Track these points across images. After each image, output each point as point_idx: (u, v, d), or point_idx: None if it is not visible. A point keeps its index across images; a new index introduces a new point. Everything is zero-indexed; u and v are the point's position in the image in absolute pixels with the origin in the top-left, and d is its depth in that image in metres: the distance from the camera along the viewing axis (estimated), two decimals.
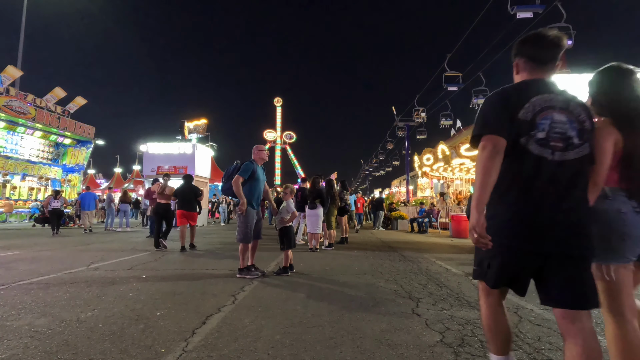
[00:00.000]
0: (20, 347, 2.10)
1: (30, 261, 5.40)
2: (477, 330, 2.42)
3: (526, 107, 1.36)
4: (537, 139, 1.34)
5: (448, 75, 14.52)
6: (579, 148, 1.35)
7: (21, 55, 19.54)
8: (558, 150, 1.34)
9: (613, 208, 1.48)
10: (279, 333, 2.36)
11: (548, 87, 1.43)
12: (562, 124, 1.36)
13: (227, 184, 4.32)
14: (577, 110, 1.39)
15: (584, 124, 1.38)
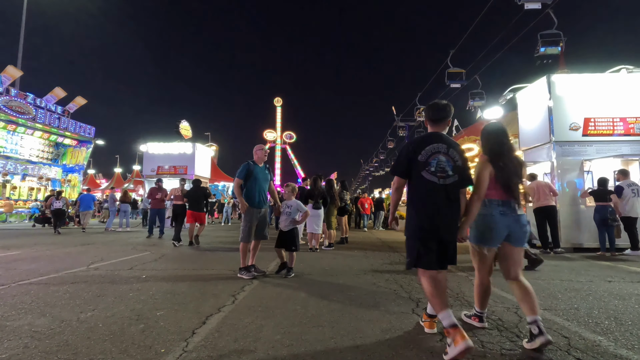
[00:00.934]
0: (20, 347, 2.10)
1: (30, 261, 5.40)
2: (477, 330, 2.42)
3: (423, 153, 2.28)
4: (430, 171, 2.25)
5: (451, 71, 14.14)
6: (452, 177, 2.26)
7: (21, 55, 19.55)
8: (442, 178, 2.24)
9: (488, 212, 2.37)
10: (279, 333, 2.36)
11: (439, 138, 2.35)
12: (444, 163, 2.26)
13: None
14: (453, 154, 2.30)
15: (457, 163, 2.30)
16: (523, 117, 8.97)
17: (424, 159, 2.28)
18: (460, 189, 2.32)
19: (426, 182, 2.25)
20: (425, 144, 2.31)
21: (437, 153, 2.28)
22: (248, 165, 4.40)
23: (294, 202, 4.52)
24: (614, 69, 8.14)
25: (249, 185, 4.37)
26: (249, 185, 4.37)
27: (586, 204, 7.32)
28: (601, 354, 2.04)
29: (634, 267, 5.27)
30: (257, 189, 4.40)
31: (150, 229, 10.20)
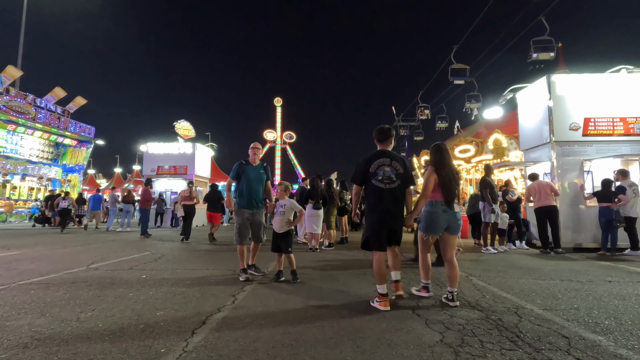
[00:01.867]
0: (20, 347, 2.10)
1: (30, 261, 5.40)
2: (477, 330, 2.42)
3: (372, 166, 3.14)
4: (378, 179, 3.10)
5: (455, 67, 13.64)
6: (396, 182, 3.11)
7: (21, 55, 19.56)
8: (387, 184, 3.09)
9: (434, 210, 3.20)
10: (279, 333, 2.36)
11: (384, 154, 3.21)
12: (389, 172, 3.11)
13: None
14: (396, 165, 3.14)
15: (399, 171, 3.13)
16: (523, 117, 8.97)
17: (373, 170, 3.16)
18: (405, 190, 3.21)
19: (376, 187, 3.14)
20: (374, 159, 3.19)
21: (383, 165, 3.15)
22: (239, 165, 4.29)
23: (288, 201, 4.22)
24: (614, 69, 8.15)
25: (240, 186, 4.27)
26: (240, 186, 4.27)
27: (586, 204, 7.32)
28: (601, 354, 2.04)
29: (634, 267, 5.27)
30: (248, 189, 4.23)
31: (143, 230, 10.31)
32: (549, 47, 9.77)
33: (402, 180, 3.14)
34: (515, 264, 5.55)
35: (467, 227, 10.75)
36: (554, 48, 9.79)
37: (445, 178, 3.18)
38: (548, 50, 9.77)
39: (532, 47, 9.92)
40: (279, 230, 4.10)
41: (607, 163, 7.47)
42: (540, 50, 9.81)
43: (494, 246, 7.01)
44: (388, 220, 3.09)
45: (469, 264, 5.52)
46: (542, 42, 9.81)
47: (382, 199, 3.09)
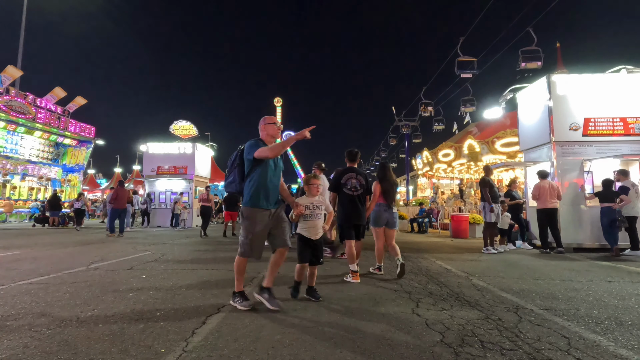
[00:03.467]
0: (20, 347, 2.10)
1: (30, 261, 5.40)
2: (477, 330, 2.42)
3: (344, 178, 4.43)
4: (347, 188, 4.40)
5: (461, 60, 13.29)
6: (359, 191, 4.40)
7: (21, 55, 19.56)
8: (354, 191, 4.38)
9: (378, 210, 4.53)
10: (279, 333, 2.36)
11: (352, 170, 4.51)
12: (355, 183, 4.39)
13: (229, 177, 3.18)
14: (360, 178, 4.44)
15: (362, 183, 4.44)
16: (523, 117, 8.97)
17: (344, 182, 4.43)
18: (365, 196, 4.50)
19: (346, 194, 4.40)
20: (345, 173, 4.48)
21: (350, 178, 4.43)
22: (260, 145, 3.00)
23: (322, 199, 3.40)
24: (614, 69, 8.15)
25: (255, 175, 2.98)
26: (256, 176, 2.98)
27: (586, 204, 7.32)
28: (601, 354, 2.04)
29: (634, 267, 5.27)
30: (268, 181, 2.99)
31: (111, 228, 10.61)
32: (536, 56, 10.36)
33: (364, 189, 4.46)
34: (515, 264, 5.55)
35: (467, 227, 10.79)
36: (540, 58, 10.39)
37: (386, 187, 4.57)
38: (535, 59, 10.36)
39: (521, 56, 10.51)
40: (315, 237, 3.27)
41: (607, 163, 7.47)
42: (528, 59, 10.40)
43: (494, 246, 7.01)
44: (353, 217, 4.35)
45: (469, 263, 5.52)
46: (529, 52, 10.42)
47: (350, 202, 4.37)
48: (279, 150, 2.92)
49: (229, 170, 3.20)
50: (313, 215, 3.27)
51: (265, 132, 3.14)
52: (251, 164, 2.95)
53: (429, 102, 18.68)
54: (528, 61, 10.35)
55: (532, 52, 10.40)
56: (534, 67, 10.33)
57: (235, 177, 3.11)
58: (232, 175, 3.15)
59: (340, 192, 4.45)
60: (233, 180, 3.14)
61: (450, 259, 5.99)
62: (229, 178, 3.19)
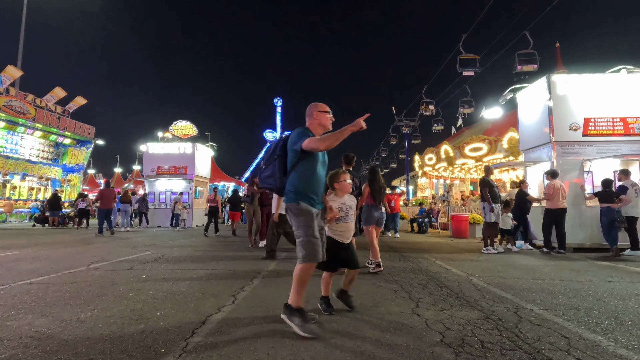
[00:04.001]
0: (20, 347, 2.10)
1: (30, 261, 5.40)
2: (477, 330, 2.42)
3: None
4: None
5: (463, 57, 13.08)
6: (354, 192, 4.43)
7: (21, 55, 19.56)
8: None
9: (370, 210, 4.94)
10: (279, 333, 2.36)
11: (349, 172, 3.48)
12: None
13: (265, 170, 2.71)
14: (355, 180, 4.79)
15: (357, 184, 4.96)
16: (523, 117, 8.98)
17: None
18: (358, 197, 4.81)
19: None
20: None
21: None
22: (305, 133, 2.55)
23: (352, 199, 3.09)
24: (614, 69, 8.15)
25: (304, 170, 2.54)
26: (299, 170, 2.54)
27: (586, 204, 7.31)
28: (601, 354, 2.04)
29: (634, 267, 5.27)
30: (312, 178, 2.58)
31: (101, 227, 10.78)
32: (532, 60, 10.57)
33: (358, 191, 5.02)
34: (515, 264, 5.56)
35: (467, 227, 10.79)
36: (536, 61, 10.60)
37: (375, 189, 4.93)
38: (531, 62, 10.57)
39: (517, 59, 10.70)
40: (348, 241, 2.99)
41: (607, 163, 7.47)
42: (524, 62, 10.61)
43: (494, 246, 7.01)
44: None
45: (469, 263, 5.52)
46: (525, 56, 10.65)
47: None
48: (331, 142, 2.42)
49: (266, 162, 2.72)
50: (347, 217, 2.93)
51: (317, 121, 2.68)
52: (297, 155, 2.51)
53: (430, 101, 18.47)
54: (524, 64, 10.56)
55: (529, 55, 10.62)
56: (530, 70, 10.55)
57: (274, 171, 2.63)
58: (270, 169, 2.68)
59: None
60: (272, 174, 2.66)
61: (450, 259, 5.99)
62: (265, 171, 2.71)
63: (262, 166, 2.73)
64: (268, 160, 2.70)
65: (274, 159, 2.65)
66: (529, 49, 10.64)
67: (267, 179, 2.68)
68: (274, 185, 2.65)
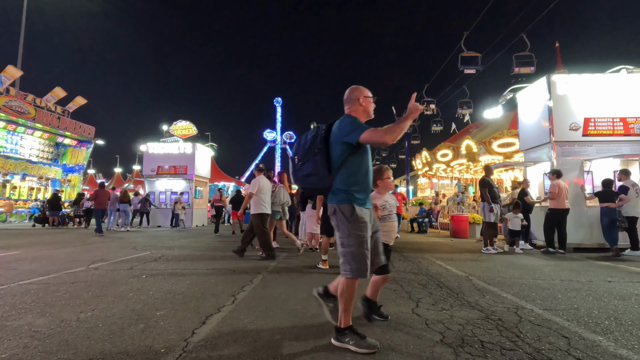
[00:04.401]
0: (20, 347, 2.10)
1: (30, 261, 5.40)
2: (477, 330, 2.42)
3: None
4: None
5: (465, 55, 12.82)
6: None
7: (21, 55, 19.56)
8: None
9: None
10: (279, 333, 2.36)
11: None
12: None
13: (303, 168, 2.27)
14: None
15: None
16: (523, 117, 8.98)
17: None
18: None
19: None
20: None
21: None
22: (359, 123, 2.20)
23: (392, 198, 2.90)
24: (614, 69, 8.15)
25: (349, 166, 2.18)
26: (350, 166, 2.19)
27: (586, 204, 7.31)
28: (601, 354, 2.04)
29: (634, 267, 5.27)
30: (365, 175, 2.25)
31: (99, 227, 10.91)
32: (529, 62, 10.73)
33: None
34: (515, 264, 5.56)
35: (467, 227, 10.79)
36: (533, 63, 10.75)
37: None
38: (528, 65, 10.73)
39: (514, 62, 10.85)
40: (392, 242, 2.81)
41: (607, 163, 7.47)
42: (521, 65, 10.76)
43: (494, 246, 7.00)
44: None
45: (469, 263, 5.52)
46: (523, 58, 10.79)
47: None
48: (398, 134, 2.04)
49: (303, 157, 2.27)
50: (391, 215, 2.73)
51: (363, 107, 2.31)
52: (349, 149, 2.15)
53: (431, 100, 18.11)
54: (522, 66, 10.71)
55: (526, 57, 10.74)
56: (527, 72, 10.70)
57: (317, 168, 2.19)
58: (309, 165, 2.22)
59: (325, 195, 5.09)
60: (314, 172, 2.20)
61: (450, 259, 5.99)
62: (303, 169, 2.26)
63: (297, 162, 2.29)
64: (305, 155, 2.24)
65: (313, 153, 2.20)
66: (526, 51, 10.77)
67: (308, 178, 2.24)
68: (317, 184, 2.23)
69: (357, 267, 2.11)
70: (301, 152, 2.28)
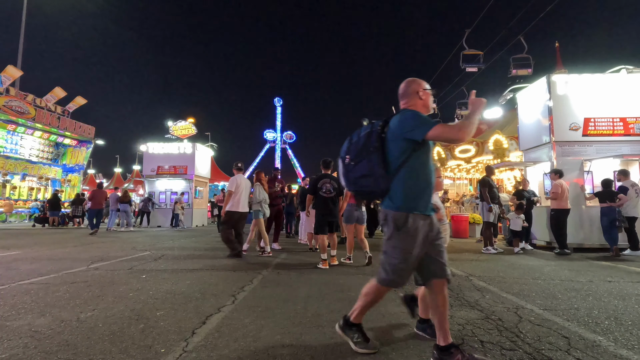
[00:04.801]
0: (20, 347, 2.10)
1: (30, 261, 5.40)
2: (477, 330, 2.42)
3: (320, 183, 5.34)
4: (322, 191, 5.31)
5: (467, 53, 12.69)
6: (333, 194, 5.34)
7: (21, 55, 19.55)
8: (328, 194, 5.32)
9: (350, 209, 5.48)
10: (279, 333, 2.36)
11: (327, 176, 5.41)
12: (329, 187, 5.32)
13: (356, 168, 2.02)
14: (333, 183, 5.34)
15: (335, 186, 5.34)
16: (523, 117, 8.98)
17: (320, 186, 5.32)
18: (338, 197, 5.42)
19: (321, 196, 5.32)
20: (321, 179, 5.36)
21: (325, 183, 5.32)
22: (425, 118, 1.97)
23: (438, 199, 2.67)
24: (614, 69, 8.16)
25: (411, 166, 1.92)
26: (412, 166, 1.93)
27: (586, 204, 7.32)
28: (601, 354, 2.04)
29: (634, 267, 5.27)
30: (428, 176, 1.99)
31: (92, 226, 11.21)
32: (527, 64, 10.94)
33: (337, 192, 5.36)
34: (515, 264, 5.56)
35: (467, 227, 10.79)
36: (530, 65, 10.92)
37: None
38: (526, 67, 10.94)
39: (512, 64, 11.09)
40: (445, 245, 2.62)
41: (607, 163, 7.47)
42: (518, 67, 10.99)
43: (493, 246, 7.01)
44: (328, 216, 5.30)
45: (469, 264, 5.52)
46: (520, 60, 10.98)
47: (325, 203, 5.31)
48: (471, 130, 1.83)
49: (355, 157, 2.01)
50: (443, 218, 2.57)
51: (423, 101, 2.09)
52: (409, 147, 1.90)
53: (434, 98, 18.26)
54: (519, 68, 10.93)
55: (523, 59, 10.93)
56: (525, 73, 10.89)
57: (373, 168, 1.93)
58: (363, 166, 1.97)
59: (316, 195, 5.37)
60: (369, 173, 1.95)
61: (450, 259, 5.98)
62: (355, 170, 2.01)
63: (349, 163, 2.04)
64: (359, 154, 2.00)
65: (368, 151, 1.96)
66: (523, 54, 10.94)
67: (361, 180, 1.99)
68: (373, 187, 1.96)
69: (391, 279, 2.00)
70: (353, 150, 2.04)
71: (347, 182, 2.11)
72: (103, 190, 12.23)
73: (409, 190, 1.92)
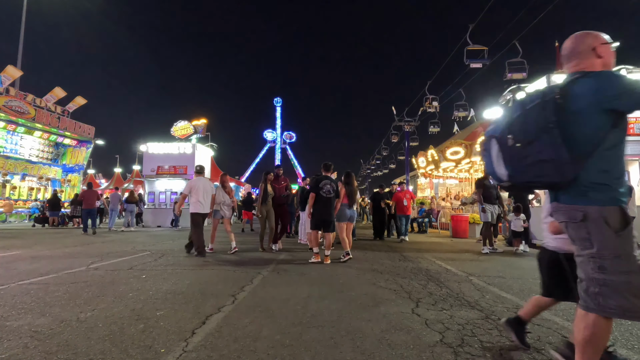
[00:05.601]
0: (20, 347, 2.10)
1: (30, 261, 5.40)
2: (477, 330, 2.42)
3: (321, 184, 5.71)
4: (322, 192, 5.68)
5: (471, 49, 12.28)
6: (331, 194, 5.72)
7: (21, 55, 19.54)
8: (327, 195, 5.69)
9: (343, 208, 5.95)
10: (279, 333, 2.36)
11: (327, 178, 5.82)
12: (329, 188, 5.70)
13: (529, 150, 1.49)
14: (332, 184, 5.76)
15: (334, 188, 5.77)
16: None
17: (321, 186, 5.66)
18: (336, 199, 5.78)
19: (321, 196, 5.65)
20: (322, 180, 5.71)
21: (326, 184, 5.67)
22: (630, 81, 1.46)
23: None
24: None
25: (618, 147, 1.47)
26: (619, 147, 1.48)
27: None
28: None
29: None
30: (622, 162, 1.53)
31: (84, 226, 11.31)
32: (522, 68, 11.11)
33: (335, 193, 5.75)
34: (515, 264, 5.56)
35: (467, 227, 10.79)
36: (526, 69, 11.10)
37: (349, 191, 5.98)
38: (521, 71, 11.07)
39: (507, 68, 11.12)
40: None
41: None
42: (514, 70, 11.08)
43: (493, 246, 7.00)
44: (324, 214, 5.66)
45: (469, 264, 5.52)
46: (515, 64, 11.13)
47: (324, 202, 5.67)
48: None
49: (524, 136, 1.51)
50: None
51: (601, 60, 1.63)
52: (609, 122, 1.43)
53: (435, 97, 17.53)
54: (514, 72, 10.97)
55: (518, 63, 11.07)
56: (520, 77, 10.95)
57: (554, 150, 1.43)
58: (539, 148, 1.46)
59: (317, 195, 5.69)
60: (549, 158, 1.44)
61: (450, 259, 5.99)
62: (527, 154, 1.49)
63: (514, 144, 1.53)
64: (528, 132, 1.50)
65: (544, 129, 1.45)
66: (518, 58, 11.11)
67: (536, 167, 1.48)
68: (554, 176, 1.46)
69: (626, 307, 1.37)
70: (518, 128, 1.53)
71: (514, 171, 1.56)
72: (94, 190, 12.18)
73: (611, 180, 1.44)
